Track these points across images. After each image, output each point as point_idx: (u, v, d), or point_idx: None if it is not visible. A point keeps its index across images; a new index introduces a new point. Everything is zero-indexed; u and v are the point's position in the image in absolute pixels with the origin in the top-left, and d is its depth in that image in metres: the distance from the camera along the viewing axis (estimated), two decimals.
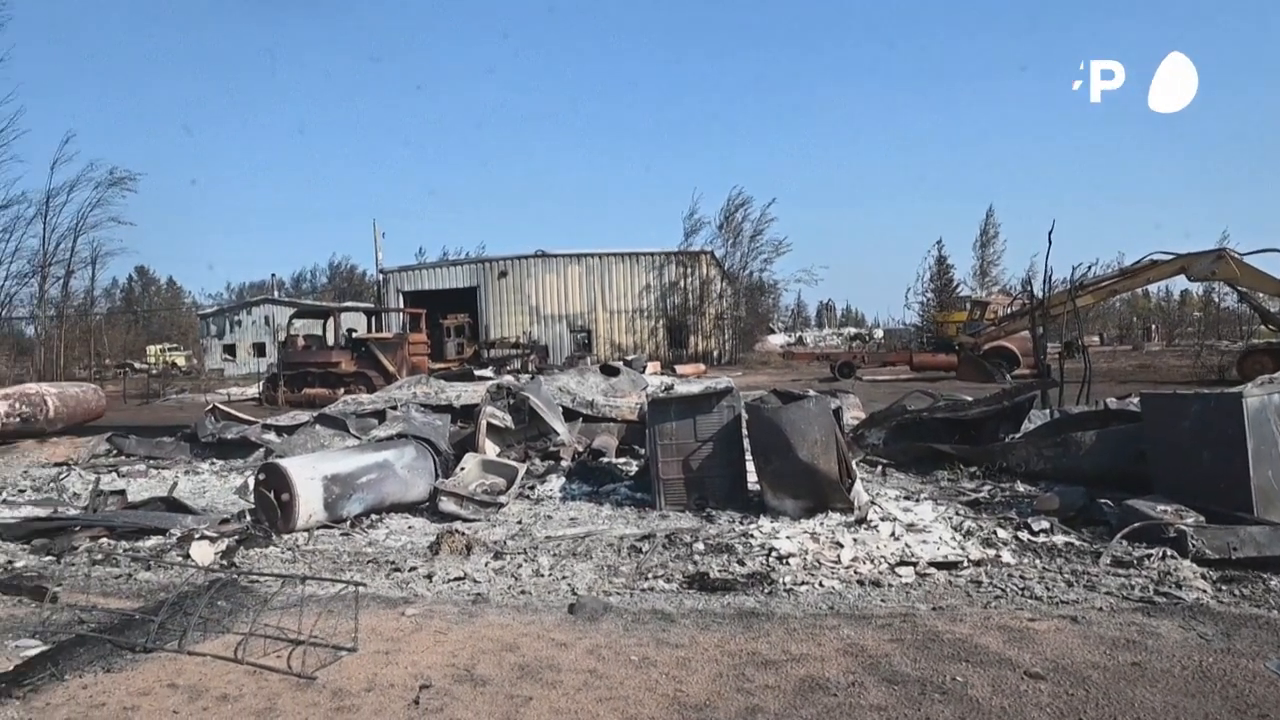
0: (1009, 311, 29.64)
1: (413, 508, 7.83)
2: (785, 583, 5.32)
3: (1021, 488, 7.79)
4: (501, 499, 7.69)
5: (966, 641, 4.20)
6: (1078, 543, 5.97)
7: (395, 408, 11.24)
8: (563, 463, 9.64)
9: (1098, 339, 54.65)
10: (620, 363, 16.58)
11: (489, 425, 9.84)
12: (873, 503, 6.85)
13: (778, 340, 60.10)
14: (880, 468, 9.12)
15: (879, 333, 73.99)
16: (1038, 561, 5.62)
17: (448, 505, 7.45)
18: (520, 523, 7.31)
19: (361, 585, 5.14)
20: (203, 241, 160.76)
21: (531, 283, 43.68)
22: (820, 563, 5.67)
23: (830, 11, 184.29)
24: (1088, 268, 21.15)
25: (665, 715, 3.56)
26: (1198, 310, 52.17)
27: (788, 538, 6.14)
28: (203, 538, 6.61)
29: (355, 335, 27.27)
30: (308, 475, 6.93)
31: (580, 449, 10.29)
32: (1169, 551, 5.37)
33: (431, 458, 8.00)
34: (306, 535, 6.89)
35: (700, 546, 6.13)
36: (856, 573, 5.47)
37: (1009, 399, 9.61)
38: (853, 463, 7.14)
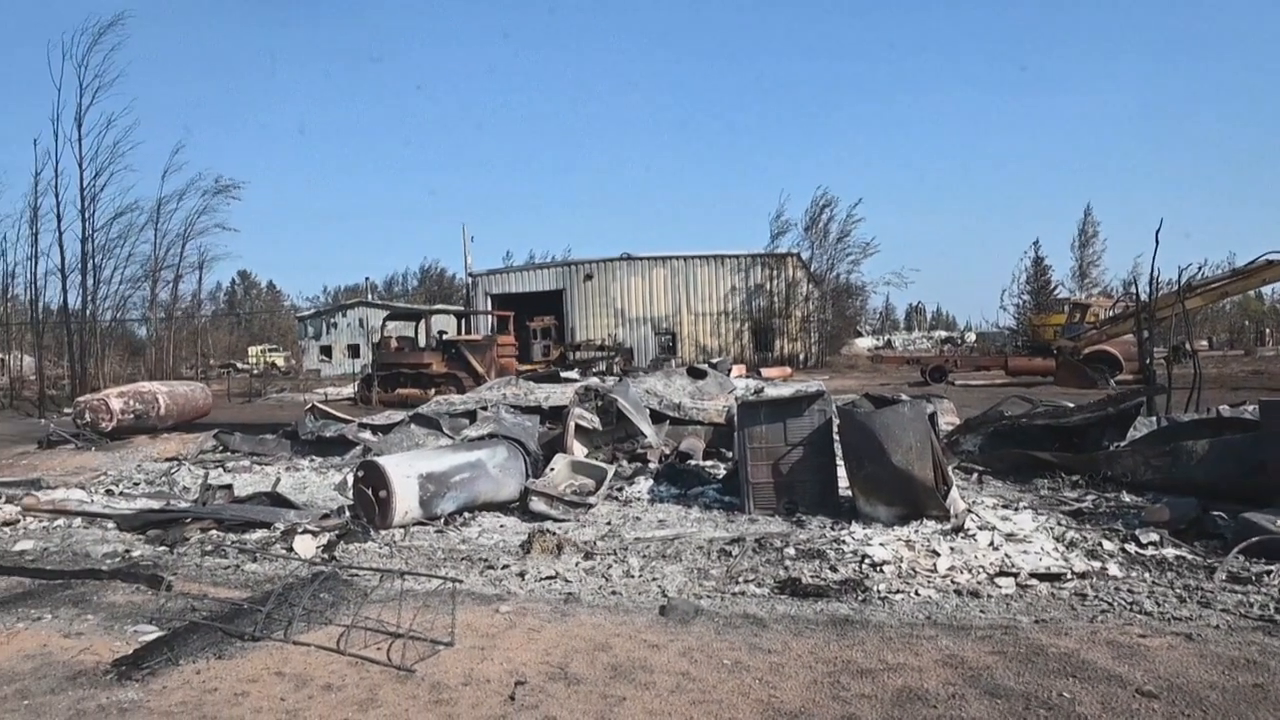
0: (1111, 314, 28.53)
1: (504, 507, 7.97)
2: (879, 590, 5.22)
3: (1128, 498, 7.49)
4: (590, 500, 7.75)
5: (1073, 656, 4.05)
6: (1190, 557, 5.70)
7: (486, 408, 11.44)
8: (650, 465, 9.67)
9: (1206, 343, 52.15)
10: (706, 365, 16.53)
11: (577, 427, 9.93)
12: (969, 511, 6.67)
13: (865, 344, 59.16)
14: (976, 475, 8.88)
15: (971, 336, 72.11)
16: (1147, 575, 5.39)
17: (538, 505, 7.55)
18: (609, 524, 7.36)
19: (458, 582, 5.25)
20: (301, 245, 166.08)
21: (616, 285, 43.92)
22: (916, 571, 5.55)
23: (917, 11, 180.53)
24: (1197, 268, 20.18)
25: None
26: None
27: (881, 545, 6.03)
28: (305, 532, 6.85)
29: (446, 337, 27.86)
30: (404, 473, 7.11)
31: (667, 451, 10.30)
32: None
33: (522, 458, 8.12)
34: (403, 531, 7.08)
35: (791, 551, 6.08)
36: (954, 582, 5.34)
37: (1114, 405, 9.25)
38: (949, 469, 6.97)
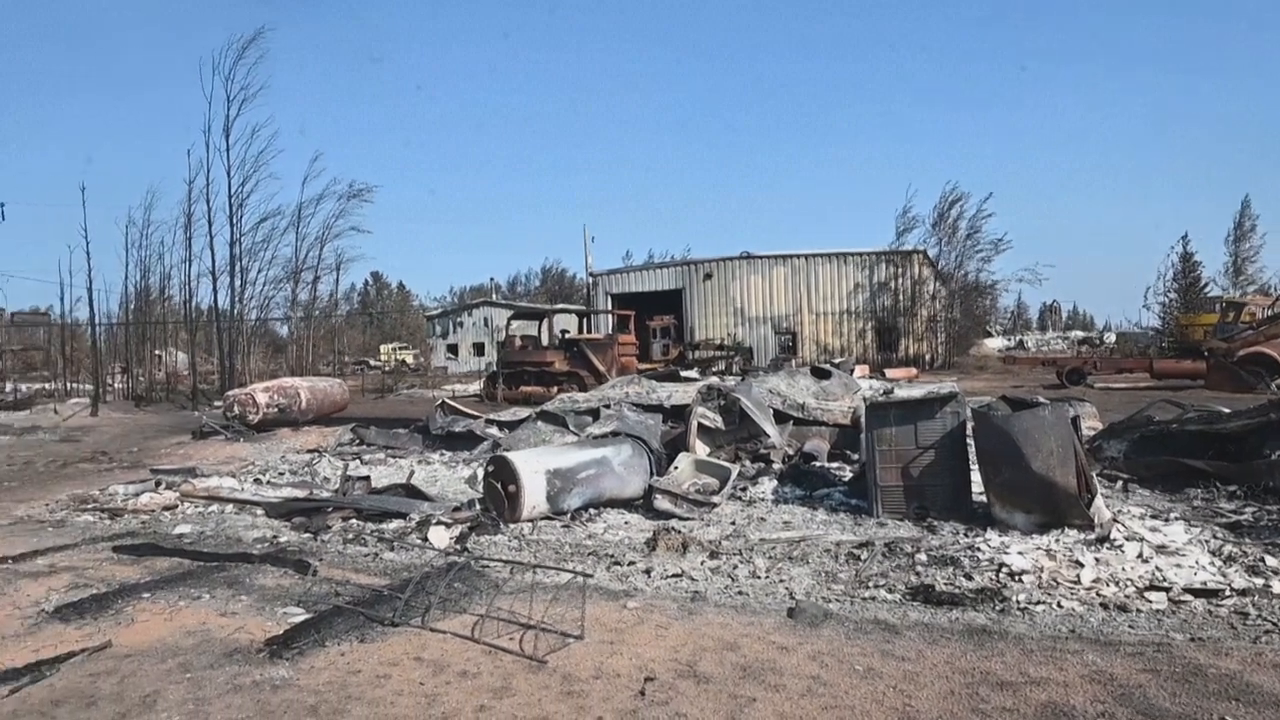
0: (1270, 313, 26.54)
1: (628, 504, 8.03)
2: (1019, 601, 5.01)
3: None
4: (715, 499, 7.74)
5: (1235, 678, 3.79)
6: None
7: (609, 406, 11.56)
8: (774, 465, 9.57)
9: None
10: (830, 365, 16.26)
11: (700, 426, 9.92)
12: (1115, 521, 6.34)
13: (995, 344, 56.90)
14: (1121, 483, 8.41)
15: (1110, 337, 68.35)
16: None
17: (662, 503, 7.58)
18: (734, 524, 7.33)
19: (589, 577, 5.33)
20: (429, 247, 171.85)
21: (736, 284, 43.67)
22: (1057, 582, 5.30)
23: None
24: None
25: None
26: None
27: (1019, 553, 5.79)
28: (439, 523, 7.08)
29: (568, 336, 28.31)
30: (533, 469, 7.27)
31: (791, 452, 10.18)
32: None
33: (646, 456, 8.18)
34: (530, 525, 7.23)
35: (922, 557, 5.90)
36: (1099, 595, 5.07)
37: (1277, 411, 8.60)
38: (1093, 476, 6.63)
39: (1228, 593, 5.00)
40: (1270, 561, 5.56)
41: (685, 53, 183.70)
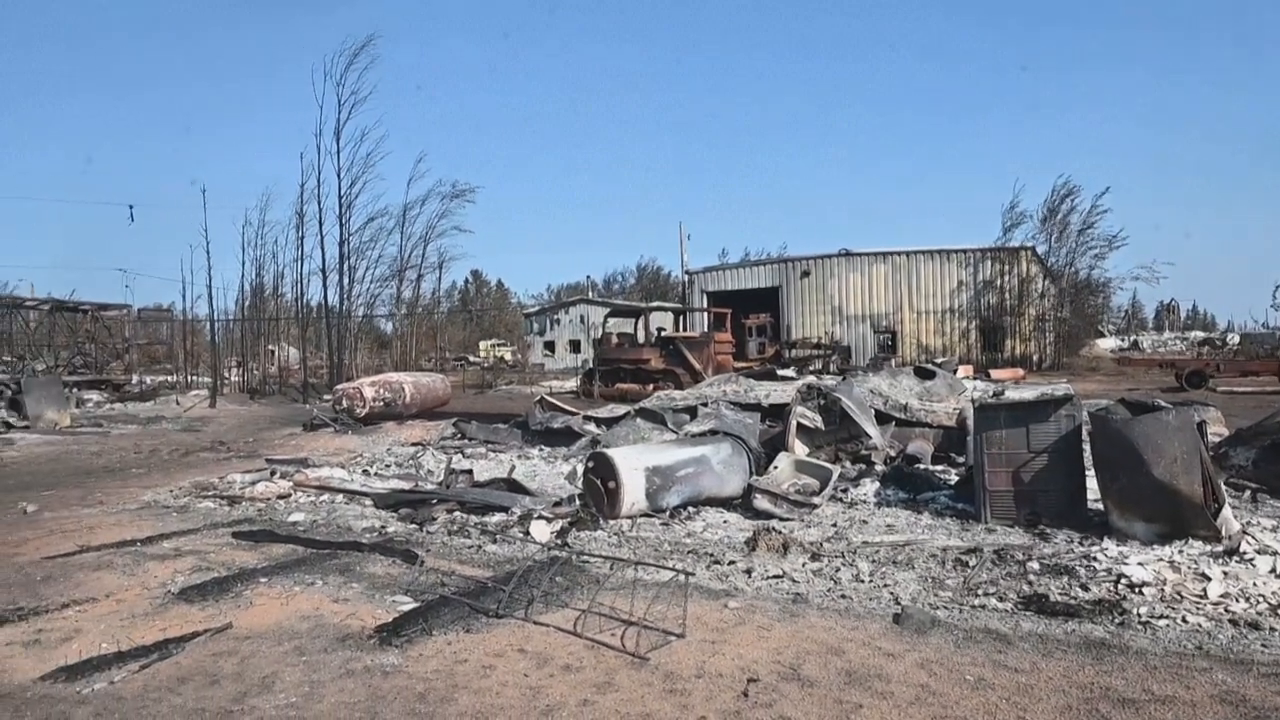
0: None
1: (727, 503, 7.99)
2: (1139, 614, 4.78)
3: None
4: (815, 500, 7.62)
5: None
6: None
7: (706, 404, 11.52)
8: (875, 467, 9.38)
9: None
10: (933, 365, 15.85)
11: (799, 425, 9.80)
12: (1244, 532, 5.98)
13: (1107, 344, 54.47)
14: (1249, 492, 7.94)
15: (1233, 338, 64.66)
16: None
17: (762, 503, 7.51)
18: (835, 525, 7.21)
19: (690, 575, 5.31)
20: (527, 245, 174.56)
21: (834, 282, 43.01)
22: (1181, 595, 5.03)
23: None
24: None
25: None
26: None
27: (1139, 564, 5.52)
28: (540, 518, 7.18)
29: (664, 334, 28.37)
30: (632, 466, 7.30)
31: (893, 454, 9.96)
32: None
33: (746, 455, 8.12)
34: (630, 522, 7.26)
35: (1034, 566, 5.69)
36: (1227, 611, 4.79)
37: None
38: (1220, 485, 6.27)
39: None
40: None
41: (786, 50, 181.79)
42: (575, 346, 66.50)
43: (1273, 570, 5.31)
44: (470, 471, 9.55)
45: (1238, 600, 4.92)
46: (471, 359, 62.50)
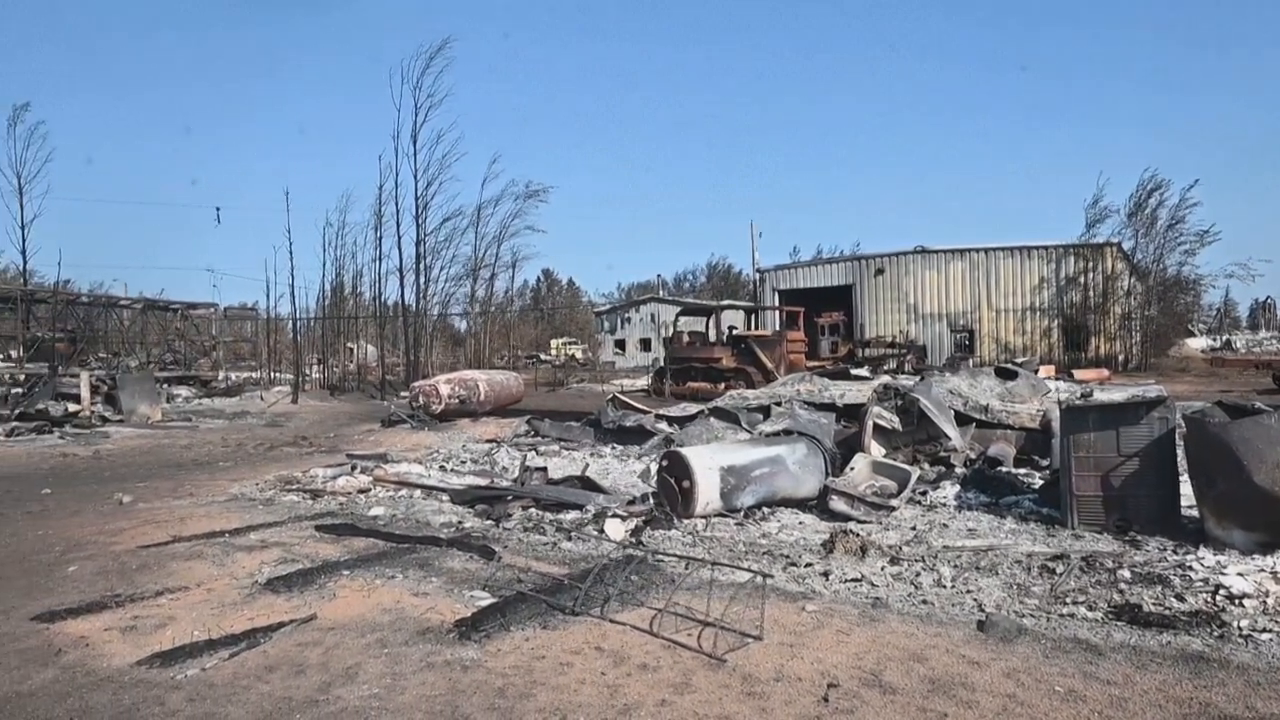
0: None
1: (802, 504, 7.89)
2: (1240, 627, 4.56)
3: None
4: (893, 502, 7.48)
5: None
6: None
7: (780, 404, 11.42)
8: (956, 469, 9.17)
9: None
10: (1015, 365, 15.44)
11: (875, 426, 9.64)
12: None
13: (1197, 344, 52.37)
14: None
15: None
16: None
17: (838, 505, 7.40)
18: (914, 529, 7.06)
19: (769, 577, 5.26)
20: (598, 244, 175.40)
21: (910, 280, 42.19)
22: None
23: None
24: None
25: None
26: None
27: (1239, 574, 5.27)
28: (614, 516, 7.20)
29: (735, 332, 28.21)
30: (706, 465, 7.26)
31: (973, 456, 9.72)
32: None
33: (822, 456, 8.01)
34: (704, 521, 7.22)
35: (1126, 574, 5.48)
36: None
37: None
38: None
39: None
40: None
41: (859, 48, 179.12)
42: (646, 345, 66.63)
43: None
44: (544, 469, 9.62)
45: None
46: (543, 357, 63.08)
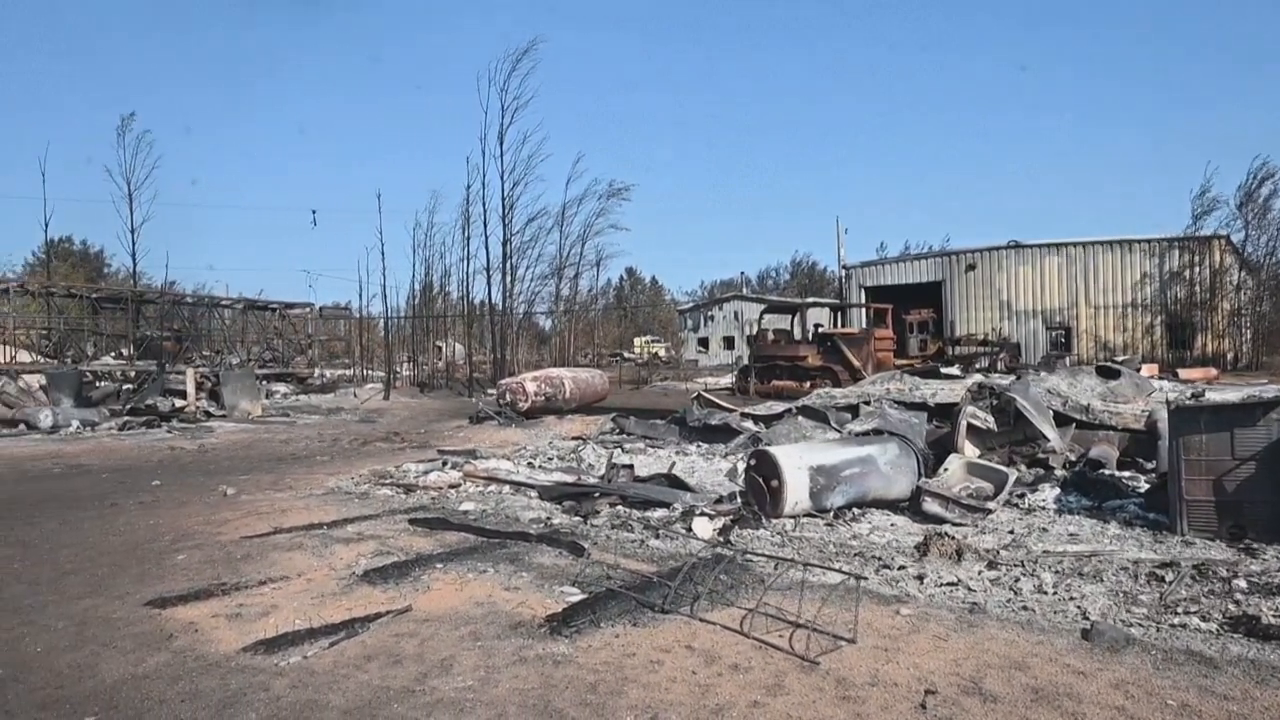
0: None
1: (893, 505, 7.74)
2: None
3: None
4: (989, 505, 7.27)
5: None
6: None
7: (869, 403, 11.22)
8: (1055, 472, 8.86)
9: None
10: (1113, 364, 14.86)
11: (969, 426, 9.38)
12: None
13: None
14: None
15: None
16: None
17: (931, 506, 7.23)
18: (1012, 532, 6.84)
19: (863, 579, 5.17)
20: (681, 242, 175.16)
21: (1003, 276, 40.92)
22: None
23: None
24: None
25: None
26: None
27: None
28: (702, 514, 7.18)
29: (821, 330, 27.85)
30: (795, 464, 7.17)
31: (1073, 458, 9.38)
32: None
33: (914, 456, 7.83)
34: (793, 522, 7.14)
35: (1241, 584, 5.22)
36: None
37: None
38: None
39: None
40: None
41: (943, 39, 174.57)
42: (729, 343, 66.33)
43: None
44: (631, 466, 9.65)
45: None
46: (626, 355, 63.35)
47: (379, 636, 4.67)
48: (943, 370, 16.08)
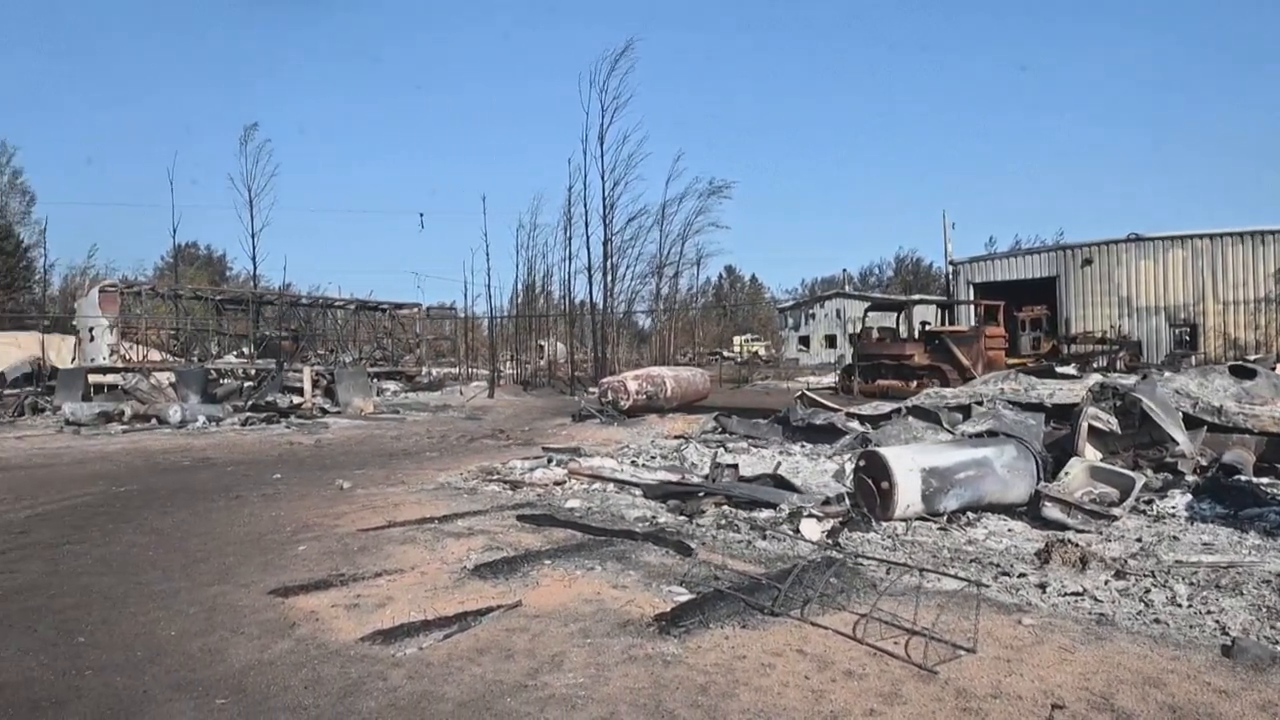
0: None
1: (1009, 510, 7.46)
2: None
3: None
4: (1115, 511, 6.93)
5: None
6: None
7: (981, 403, 10.86)
8: (1185, 477, 8.38)
9: None
10: (1247, 362, 13.99)
11: (1090, 428, 8.97)
12: None
13: None
14: None
15: None
16: None
17: (1052, 512, 6.93)
18: (1140, 540, 6.50)
19: (984, 586, 5.00)
20: (781, 240, 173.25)
21: (1122, 270, 39.02)
22: None
23: None
24: None
25: None
26: None
27: None
28: (810, 516, 7.06)
29: (929, 328, 27.16)
30: (907, 466, 6.98)
31: (1204, 463, 8.87)
32: None
33: (1034, 459, 7.53)
34: (904, 525, 6.95)
35: None
36: None
37: None
38: None
39: None
40: None
41: (1064, 25, 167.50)
42: (831, 341, 65.42)
43: None
44: (735, 466, 9.58)
45: None
46: (725, 354, 63.12)
47: (491, 631, 4.75)
48: (1058, 370, 15.43)
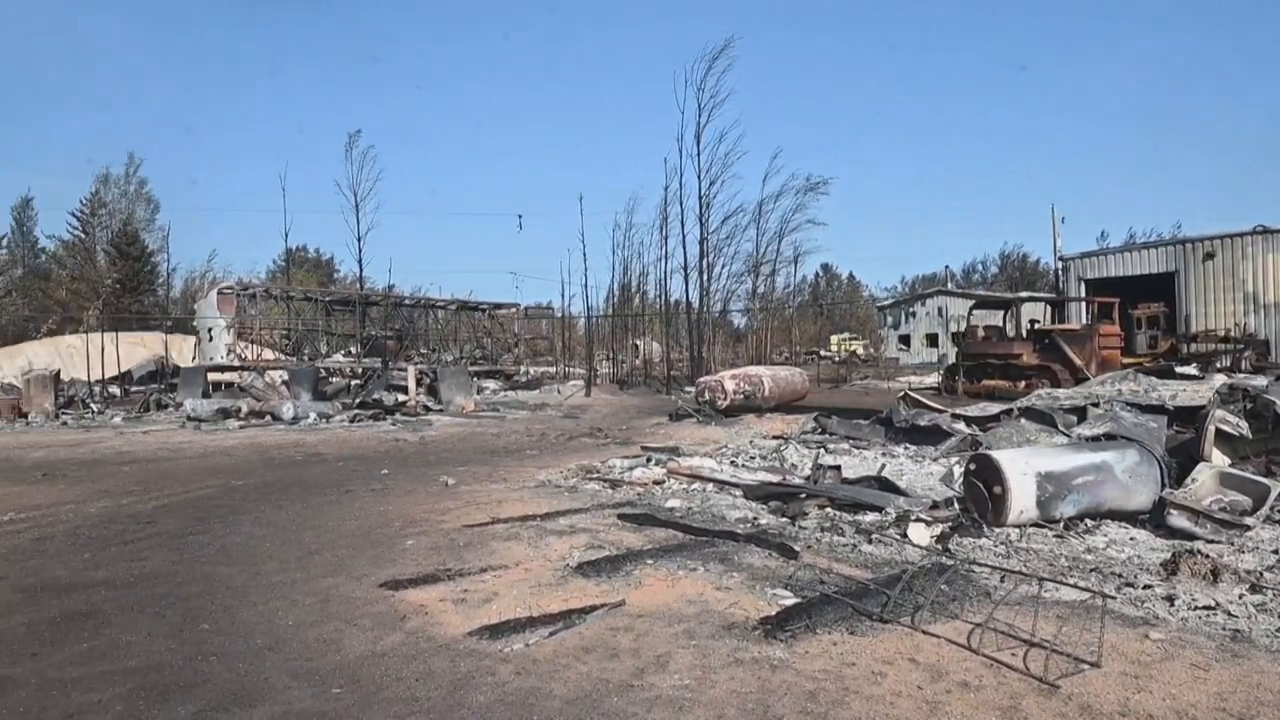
0: None
1: (1131, 517, 7.11)
2: None
3: None
4: (1248, 520, 6.53)
5: None
6: None
7: (1097, 405, 10.40)
8: None
9: None
10: None
11: (1218, 432, 8.48)
12: None
13: None
14: None
15: None
16: None
17: (1178, 520, 6.58)
18: (1276, 552, 6.11)
19: (1110, 597, 4.78)
20: (880, 237, 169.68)
21: (1247, 265, 36.82)
22: None
23: None
24: None
25: None
26: None
27: None
28: (918, 520, 6.87)
29: (1038, 326, 26.18)
30: (1020, 470, 6.73)
31: None
32: None
33: (1157, 464, 7.16)
34: (1018, 531, 6.70)
35: None
36: None
37: None
38: None
39: None
40: None
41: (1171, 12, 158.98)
42: (932, 340, 63.71)
43: None
44: (838, 467, 9.41)
45: None
46: (822, 353, 62.20)
47: (595, 629, 4.76)
48: (1178, 370, 14.67)
